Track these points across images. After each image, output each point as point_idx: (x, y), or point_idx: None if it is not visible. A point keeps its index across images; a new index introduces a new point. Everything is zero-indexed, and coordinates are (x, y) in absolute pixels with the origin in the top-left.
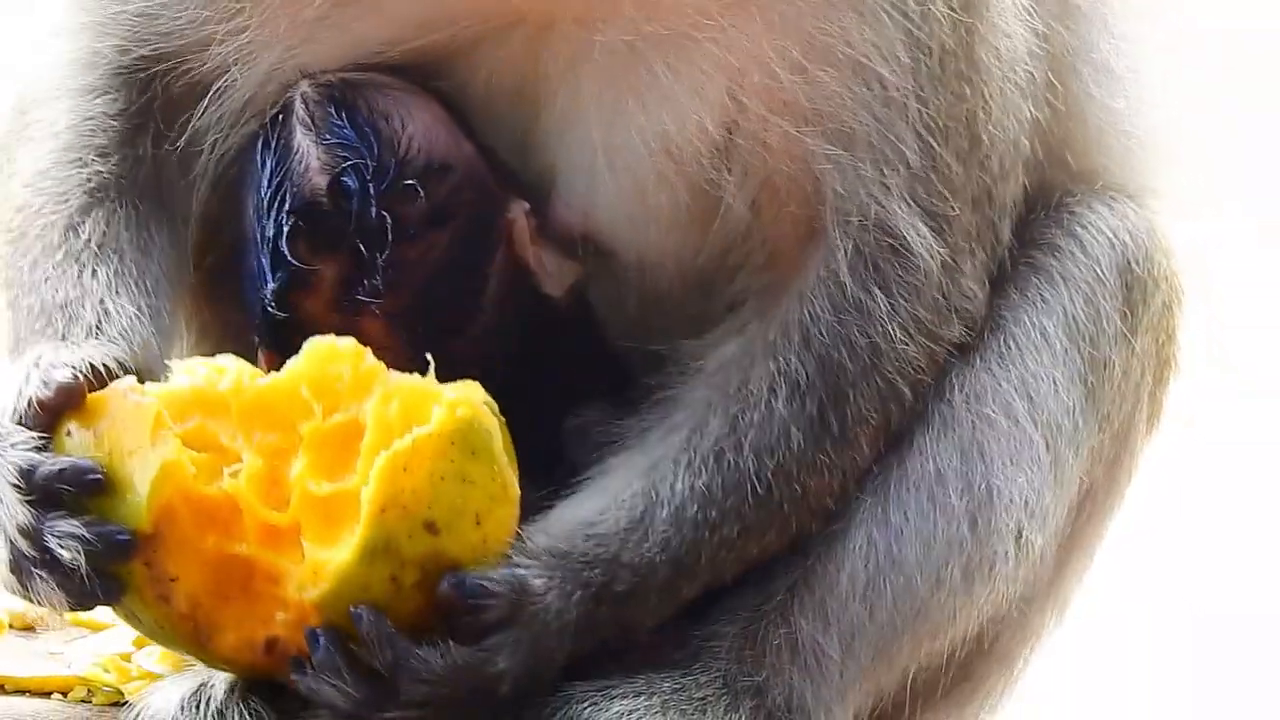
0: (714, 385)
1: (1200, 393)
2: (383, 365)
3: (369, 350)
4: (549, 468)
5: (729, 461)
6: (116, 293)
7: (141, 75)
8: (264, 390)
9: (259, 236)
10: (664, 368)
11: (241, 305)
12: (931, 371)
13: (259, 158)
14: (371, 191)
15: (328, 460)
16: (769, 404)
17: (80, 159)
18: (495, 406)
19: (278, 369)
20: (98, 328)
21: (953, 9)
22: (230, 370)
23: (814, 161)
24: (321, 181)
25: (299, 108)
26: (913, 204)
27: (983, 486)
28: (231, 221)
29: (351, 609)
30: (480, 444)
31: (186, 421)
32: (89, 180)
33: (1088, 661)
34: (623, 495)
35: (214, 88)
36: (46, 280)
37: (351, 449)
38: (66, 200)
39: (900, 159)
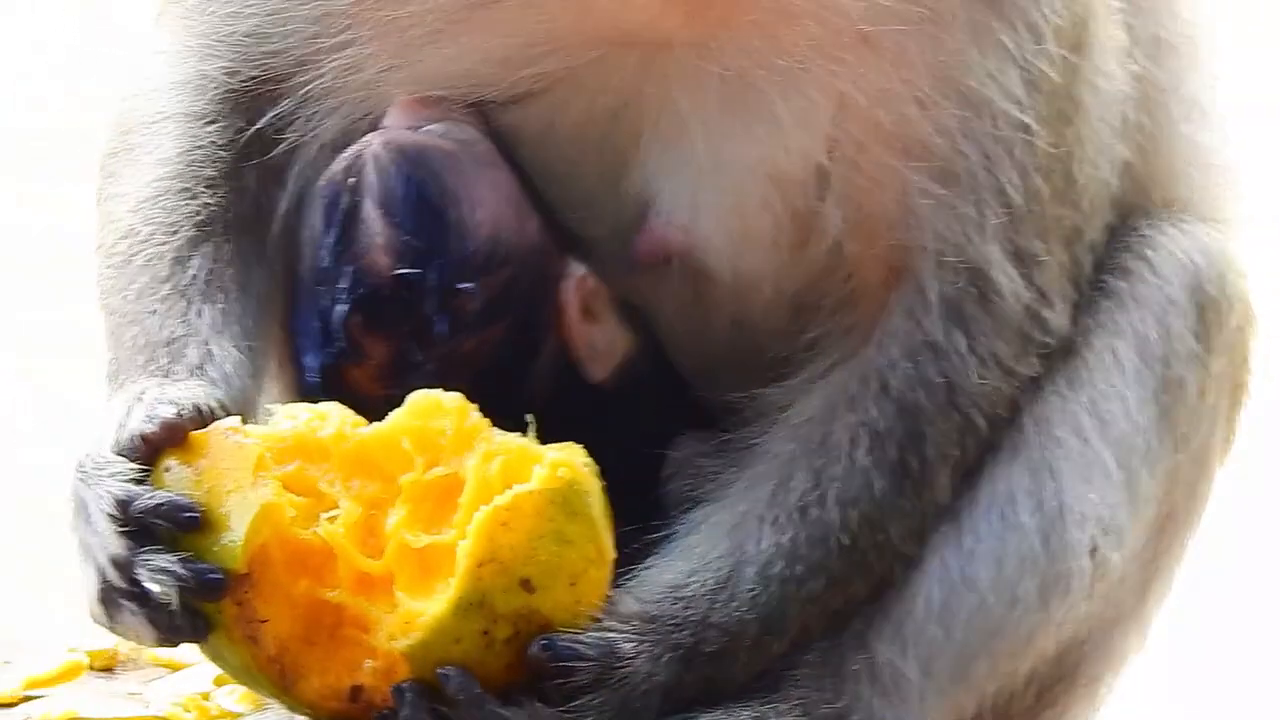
0: (798, 438)
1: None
2: (487, 422)
3: (474, 406)
4: (647, 509)
5: (814, 516)
6: (220, 334)
7: (250, 101)
8: (366, 440)
9: (314, 301)
10: (745, 416)
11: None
12: (1006, 404)
13: (325, 216)
14: (435, 285)
15: (426, 513)
16: (851, 455)
17: (189, 190)
18: (595, 469)
19: None
20: (201, 368)
21: (1064, 48)
22: (333, 417)
23: (914, 197)
24: (386, 264)
25: (370, 173)
26: (1007, 245)
27: (1054, 504)
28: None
29: (439, 670)
30: (579, 505)
31: (287, 465)
32: (198, 213)
33: (1173, 685)
34: (709, 556)
35: (311, 115)
36: (153, 314)
37: (450, 503)
38: (176, 232)
39: (1001, 199)
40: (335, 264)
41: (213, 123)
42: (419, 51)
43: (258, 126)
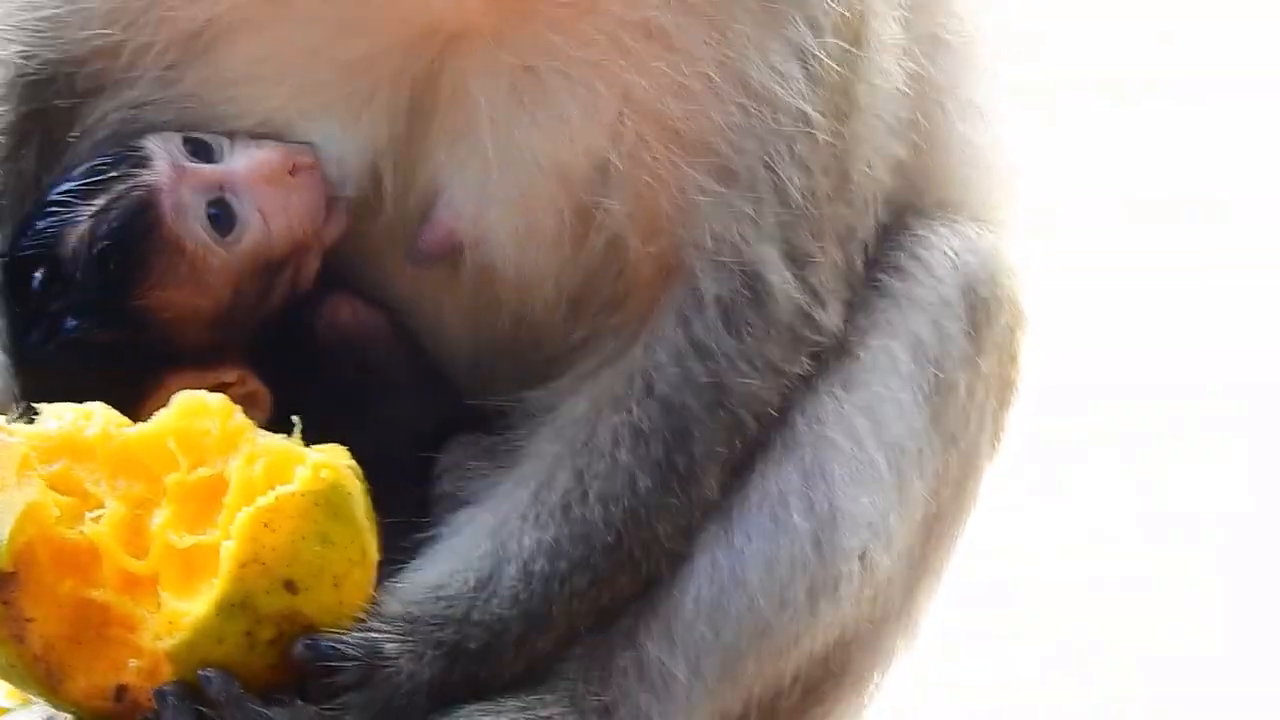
0: (562, 438)
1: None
2: (251, 423)
3: (238, 408)
4: (416, 511)
5: (576, 514)
6: None
7: (40, 85)
8: (131, 439)
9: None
10: (515, 419)
11: None
12: (776, 402)
13: (74, 178)
14: (58, 304)
15: (190, 513)
16: (614, 454)
17: None
18: (359, 470)
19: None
20: None
21: (843, 43)
22: (98, 417)
23: (693, 194)
24: (57, 252)
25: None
26: (783, 245)
27: (826, 507)
28: None
29: (200, 672)
30: (342, 507)
31: (52, 465)
32: None
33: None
34: (471, 555)
35: (100, 101)
36: None
37: (215, 504)
38: None
39: (780, 197)
40: (43, 214)
41: None
42: (213, 44)
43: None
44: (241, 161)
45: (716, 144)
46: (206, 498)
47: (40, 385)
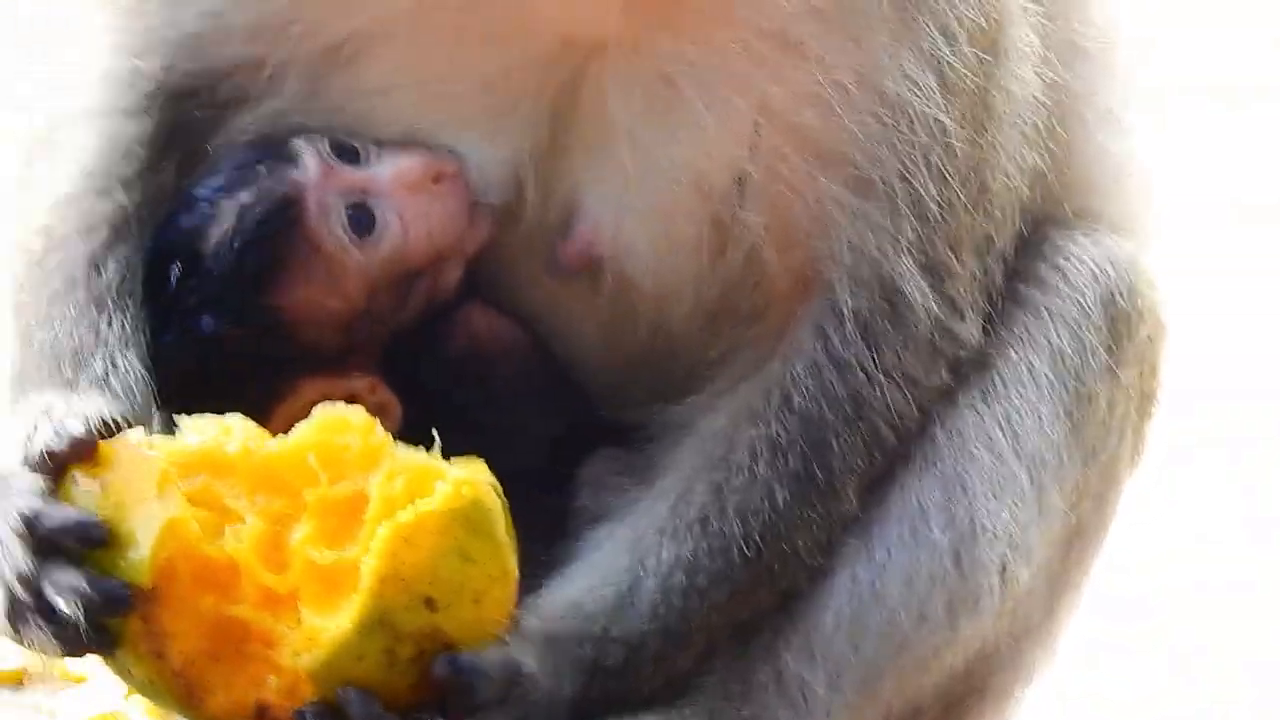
0: (700, 452)
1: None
2: (390, 439)
3: (379, 423)
4: (556, 526)
5: (714, 528)
6: (127, 346)
7: (179, 98)
8: (271, 455)
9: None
10: (652, 434)
11: None
12: (915, 415)
13: (220, 175)
14: (191, 302)
15: (331, 529)
16: (752, 468)
17: (107, 189)
18: (499, 487)
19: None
20: (105, 380)
21: (979, 52)
22: (238, 432)
23: (830, 206)
24: (191, 246)
25: (271, 185)
26: (920, 258)
27: (966, 521)
28: None
29: (339, 691)
30: (483, 523)
31: (192, 480)
32: (114, 214)
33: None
34: (609, 571)
35: (241, 113)
36: (63, 320)
37: (355, 519)
38: (92, 234)
39: (916, 209)
40: (184, 211)
41: (135, 116)
42: (354, 57)
43: (180, 119)
44: (386, 167)
45: (852, 155)
46: (347, 513)
47: (178, 395)
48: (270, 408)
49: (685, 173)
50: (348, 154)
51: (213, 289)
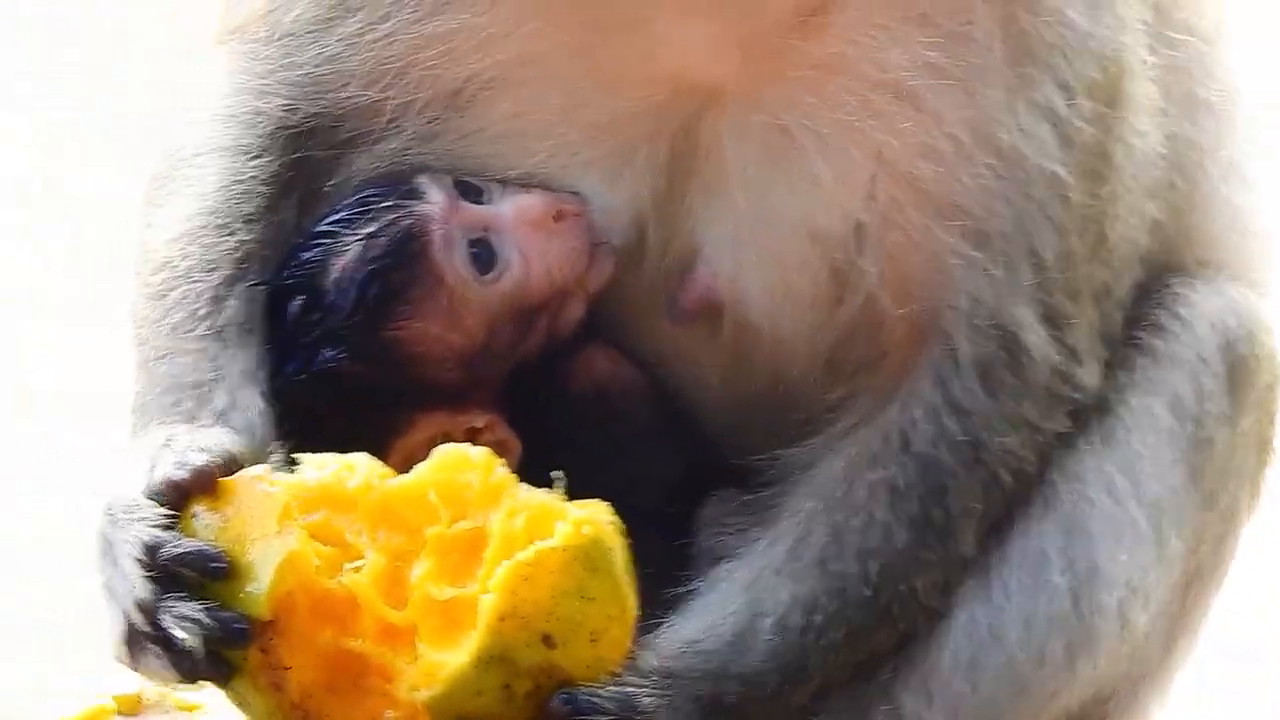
0: (819, 495)
1: None
2: (513, 477)
3: (501, 461)
4: (675, 565)
5: (833, 569)
6: (248, 381)
7: (299, 138)
8: (392, 491)
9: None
10: (771, 476)
11: None
12: (1033, 459)
13: (346, 209)
14: (316, 334)
15: (450, 566)
16: (870, 510)
17: (228, 226)
18: (620, 526)
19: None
20: (226, 415)
21: (1097, 105)
22: (360, 468)
23: (947, 257)
24: (318, 281)
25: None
26: (1038, 307)
27: (1085, 565)
28: None
29: None
30: (603, 562)
31: (313, 515)
32: (235, 250)
33: None
34: (727, 610)
35: (360, 155)
36: (184, 354)
37: (475, 557)
38: (213, 270)
39: (1033, 259)
40: (307, 245)
41: (257, 158)
42: (473, 101)
43: (300, 156)
44: (508, 204)
45: (969, 206)
46: (467, 551)
47: (298, 431)
48: (387, 442)
49: (802, 221)
50: (471, 192)
51: (334, 322)
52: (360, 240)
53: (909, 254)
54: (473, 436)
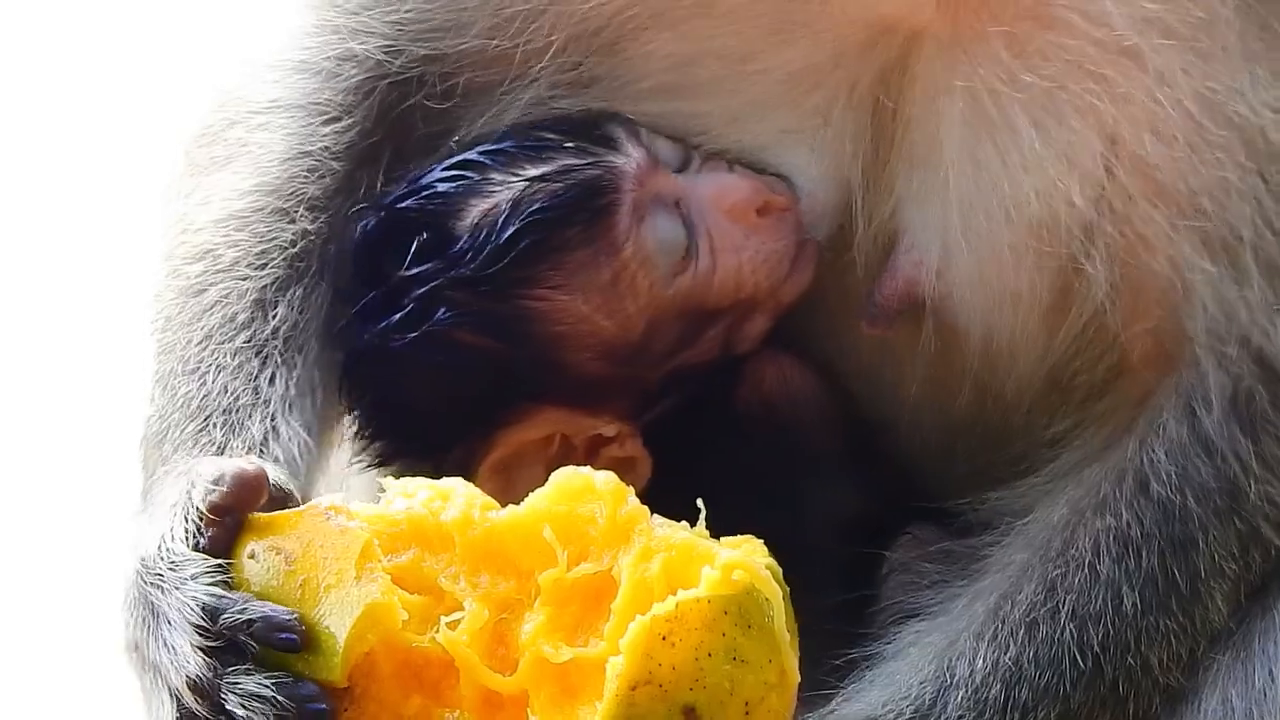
0: (1032, 544)
1: None
2: (646, 510)
3: (631, 491)
4: (856, 618)
5: (1044, 633)
6: (290, 409)
7: (390, 94)
8: (498, 526)
9: None
10: (978, 520)
11: None
12: None
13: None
14: (424, 289)
15: (570, 620)
16: (1093, 565)
17: (288, 212)
18: (778, 572)
19: None
20: (264, 446)
21: None
22: (458, 497)
23: (1186, 267)
24: (442, 235)
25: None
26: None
27: None
28: None
29: None
30: (758, 616)
31: (399, 555)
32: (293, 243)
33: None
34: (911, 681)
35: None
36: (218, 369)
37: (600, 608)
38: (264, 265)
39: (1265, 263)
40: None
41: (335, 120)
42: (624, 47)
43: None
44: (707, 183)
45: (1205, 202)
46: (590, 601)
47: (371, 420)
48: (491, 434)
49: (1018, 207)
50: (670, 155)
51: (459, 274)
52: (523, 181)
53: (1143, 256)
54: (597, 446)
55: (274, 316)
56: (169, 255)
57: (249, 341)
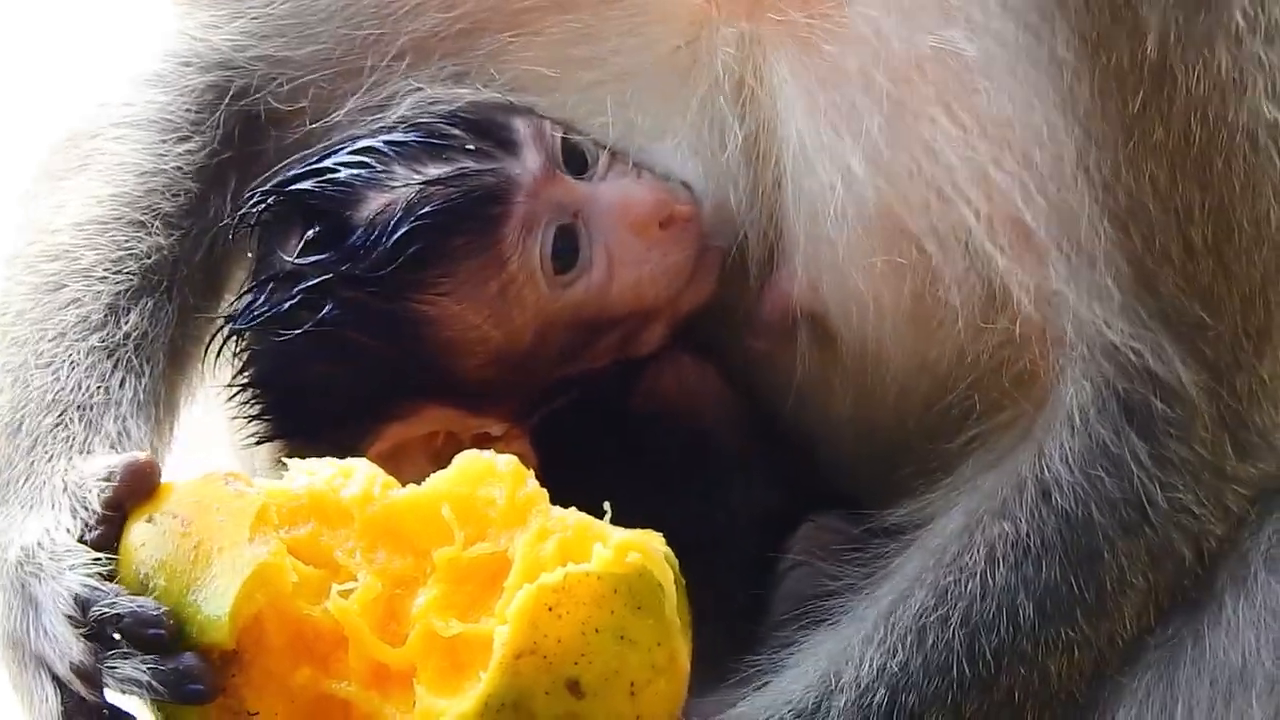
0: (928, 552)
1: None
2: (545, 493)
3: (530, 474)
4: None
5: (933, 639)
6: (139, 413)
7: (238, 111)
8: (397, 504)
9: None
10: (879, 529)
11: None
12: (1227, 523)
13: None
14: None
15: (463, 597)
16: (986, 573)
17: (144, 223)
18: (675, 562)
19: None
20: (118, 445)
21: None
22: (359, 475)
23: (1046, 278)
24: (346, 218)
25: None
26: (1146, 320)
27: None
28: None
29: None
30: (650, 599)
31: (298, 528)
32: (149, 255)
33: None
34: (796, 686)
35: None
36: (71, 365)
37: (495, 589)
38: (120, 271)
39: (1113, 261)
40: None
41: (186, 138)
42: (486, 53)
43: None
44: (612, 191)
45: (1060, 203)
46: (484, 580)
47: (256, 400)
48: (376, 427)
49: (881, 211)
50: (575, 159)
51: (351, 270)
52: (421, 181)
53: (1002, 265)
54: (482, 443)
55: (126, 323)
56: (19, 254)
57: (101, 343)
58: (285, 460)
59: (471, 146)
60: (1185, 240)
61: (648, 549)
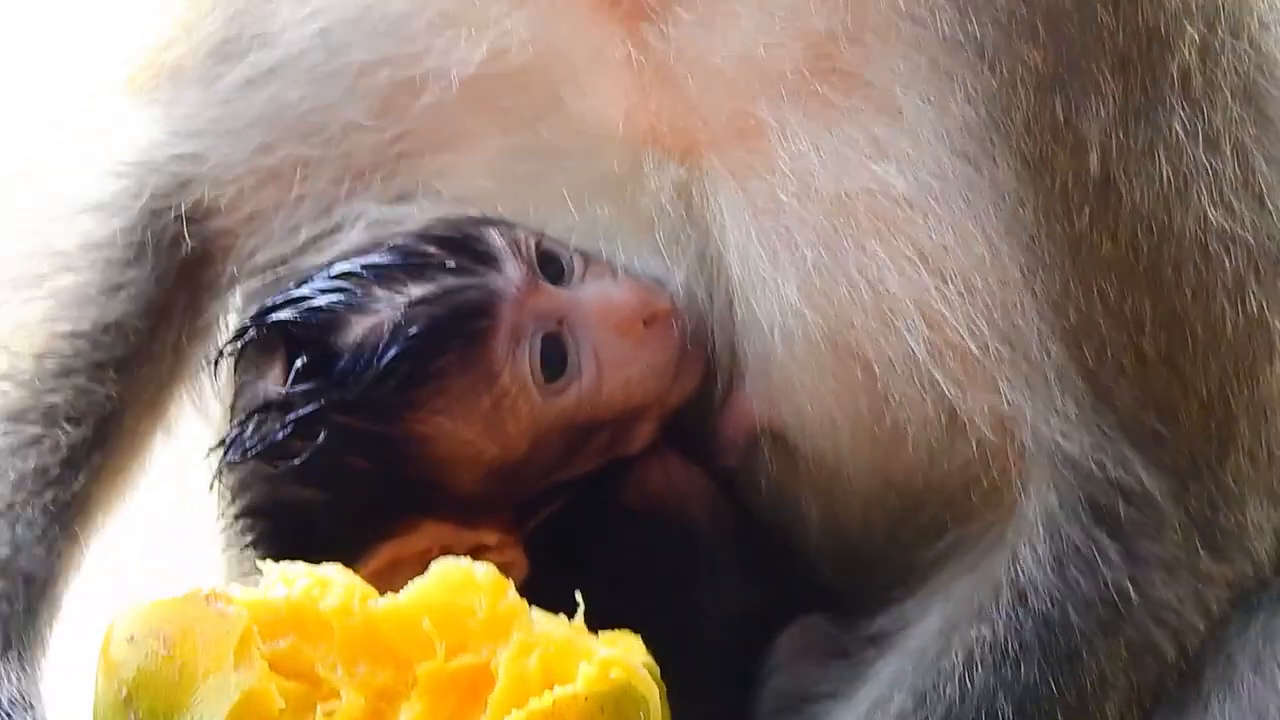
0: (906, 655)
1: None
2: (525, 604)
3: (511, 584)
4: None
5: None
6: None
7: (178, 240)
8: (377, 615)
9: None
10: (859, 637)
11: None
12: (1208, 620)
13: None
14: (306, 412)
15: (446, 711)
16: (967, 677)
17: (99, 366)
18: (655, 670)
19: None
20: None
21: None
22: (338, 585)
23: (1001, 391)
24: (329, 343)
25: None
26: (1106, 431)
27: None
28: None
29: None
30: (633, 713)
31: (278, 641)
32: (103, 406)
33: None
34: None
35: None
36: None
37: (477, 701)
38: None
39: (1067, 378)
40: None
41: (131, 265)
42: (437, 152)
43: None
44: (594, 295)
45: (1007, 326)
46: (467, 693)
47: (250, 529)
48: (372, 546)
49: (818, 325)
50: (552, 264)
51: (341, 396)
52: (404, 302)
53: (959, 379)
54: (476, 554)
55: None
56: None
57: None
58: (260, 565)
59: (450, 263)
60: (1138, 352)
61: (629, 664)
